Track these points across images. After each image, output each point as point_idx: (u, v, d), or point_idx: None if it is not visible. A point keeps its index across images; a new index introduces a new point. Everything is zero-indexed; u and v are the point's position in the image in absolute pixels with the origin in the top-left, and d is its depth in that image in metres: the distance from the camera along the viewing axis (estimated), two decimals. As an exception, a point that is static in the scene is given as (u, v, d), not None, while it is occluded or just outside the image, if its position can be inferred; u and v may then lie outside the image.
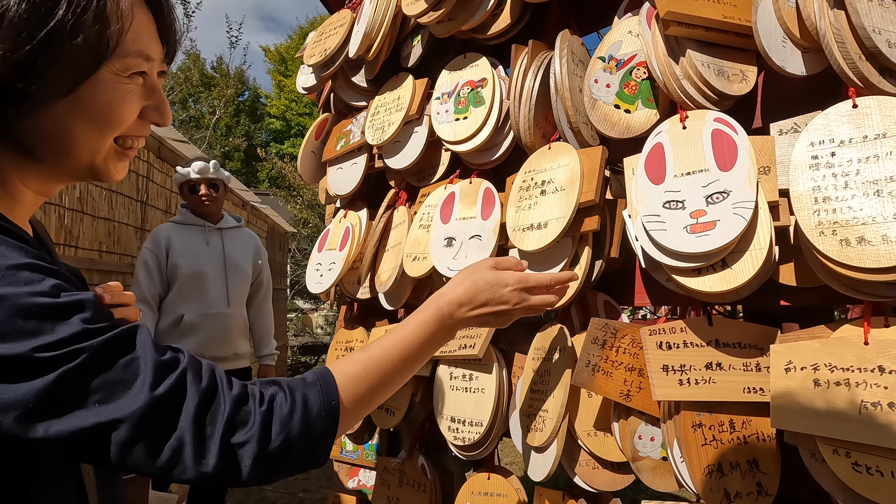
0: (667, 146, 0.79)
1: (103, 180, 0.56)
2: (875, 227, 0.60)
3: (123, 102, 0.52)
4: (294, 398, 0.54)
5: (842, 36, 0.66)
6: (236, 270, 2.28)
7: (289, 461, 0.52)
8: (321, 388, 0.56)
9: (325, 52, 1.35)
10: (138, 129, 0.55)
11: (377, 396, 0.62)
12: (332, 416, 0.56)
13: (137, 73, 0.53)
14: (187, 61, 13.32)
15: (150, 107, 0.55)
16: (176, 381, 0.48)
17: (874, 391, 0.61)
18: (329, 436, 0.56)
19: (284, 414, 0.52)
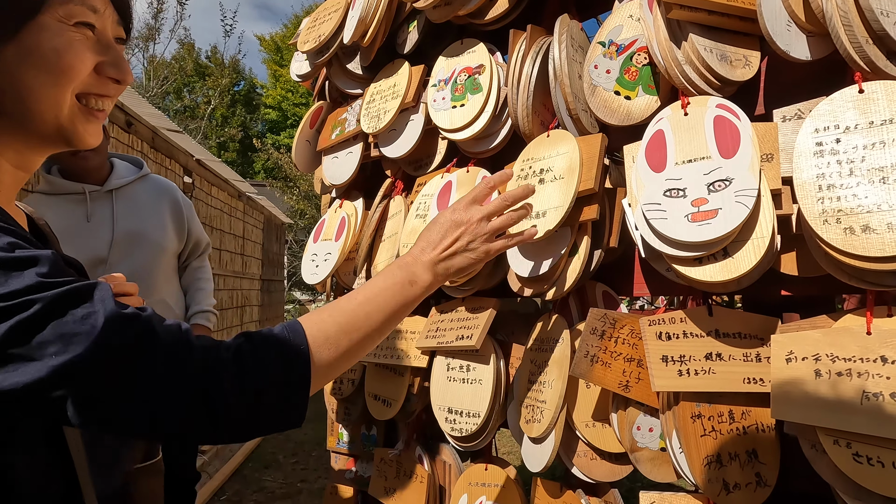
0: (668, 133, 0.77)
1: (75, 144, 0.56)
2: (880, 215, 0.59)
3: (71, 50, 0.52)
4: (264, 344, 0.52)
5: (849, 19, 0.64)
6: (141, 245, 1.58)
7: (263, 411, 0.51)
8: (289, 335, 0.55)
9: (320, 38, 1.32)
10: (99, 85, 0.55)
11: (346, 340, 0.59)
12: (303, 361, 0.54)
13: (84, 23, 0.53)
14: (181, 51, 13.17)
15: (106, 62, 0.55)
16: (137, 332, 0.46)
17: (877, 381, 0.61)
18: (303, 382, 0.54)
19: (255, 361, 0.51)
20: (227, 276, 4.85)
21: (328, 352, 0.57)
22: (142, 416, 0.46)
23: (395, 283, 0.66)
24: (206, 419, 0.48)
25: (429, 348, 1.10)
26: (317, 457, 4.06)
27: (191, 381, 0.47)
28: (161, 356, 0.46)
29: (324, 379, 0.58)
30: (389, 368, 1.20)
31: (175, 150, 3.62)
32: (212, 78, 12.56)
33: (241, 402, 0.49)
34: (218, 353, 0.50)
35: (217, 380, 0.48)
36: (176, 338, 0.48)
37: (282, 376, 0.52)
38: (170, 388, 0.46)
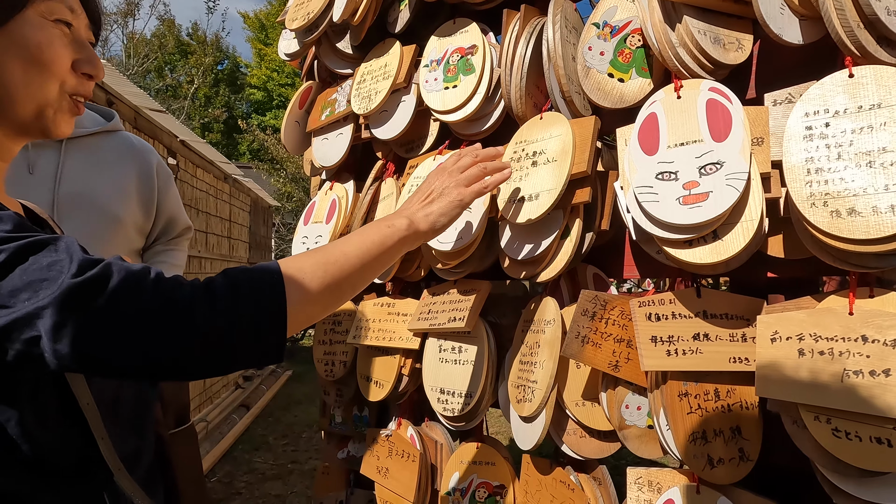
0: (661, 116, 0.77)
1: (51, 134, 0.60)
2: (866, 199, 0.60)
3: (53, 45, 0.56)
4: (235, 276, 0.52)
5: (841, 3, 0.64)
6: (88, 211, 1.26)
7: (237, 342, 0.50)
8: (262, 268, 0.55)
9: (308, 15, 1.29)
10: (80, 85, 0.60)
11: (322, 273, 0.58)
12: (277, 290, 0.53)
13: (63, 21, 0.58)
14: (161, 27, 12.78)
15: (81, 59, 0.60)
16: (100, 269, 0.47)
17: (857, 360, 0.63)
18: (279, 312, 0.53)
19: (226, 291, 0.51)
20: (213, 259, 4.80)
21: (303, 281, 0.56)
22: (115, 354, 0.47)
23: (371, 226, 0.68)
24: (180, 352, 0.48)
25: (421, 330, 1.10)
26: (307, 438, 4.09)
27: (162, 315, 0.47)
28: (129, 294, 0.47)
29: (303, 312, 0.56)
30: (381, 350, 1.20)
31: (158, 131, 3.54)
32: (194, 56, 12.23)
33: (214, 332, 0.49)
34: (189, 287, 0.50)
35: (188, 312, 0.48)
36: (144, 276, 0.49)
37: (255, 305, 0.52)
38: (141, 323, 0.47)
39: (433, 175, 0.80)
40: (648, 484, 0.83)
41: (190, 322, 0.48)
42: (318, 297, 0.58)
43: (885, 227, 0.59)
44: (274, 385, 5.51)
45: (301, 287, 0.56)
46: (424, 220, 0.72)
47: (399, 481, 1.16)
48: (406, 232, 0.69)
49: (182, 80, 11.83)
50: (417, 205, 0.75)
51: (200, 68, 11.53)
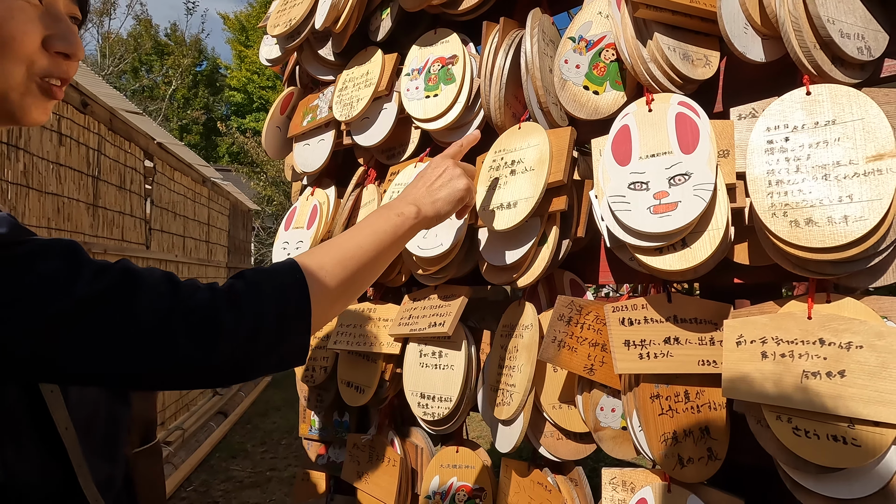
0: (633, 128, 0.80)
1: (21, 121, 0.53)
2: (822, 210, 0.64)
3: (13, 20, 0.49)
4: (256, 278, 0.51)
5: (799, 24, 0.68)
6: None
7: (262, 348, 0.48)
8: (282, 267, 0.53)
9: (290, 22, 1.30)
10: (53, 65, 0.52)
11: (341, 269, 0.58)
12: (300, 289, 0.52)
13: None
14: (138, 27, 12.54)
15: (54, 35, 0.52)
16: (117, 277, 0.45)
17: (815, 362, 0.66)
18: (304, 312, 0.51)
19: (250, 295, 0.49)
20: (191, 263, 4.72)
21: (325, 279, 0.55)
22: (133, 362, 0.44)
23: (380, 216, 0.66)
24: (205, 359, 0.46)
25: (402, 335, 1.11)
26: (286, 445, 4.04)
27: (186, 323, 0.45)
28: (149, 303, 0.45)
29: (326, 311, 0.55)
30: (362, 355, 1.21)
31: (135, 133, 3.48)
32: (172, 57, 12.03)
33: (238, 339, 0.47)
34: (209, 291, 0.47)
35: (213, 318, 0.46)
36: (159, 280, 0.46)
37: (281, 308, 0.50)
38: (163, 333, 0.44)
39: (438, 162, 0.78)
40: (622, 484, 0.85)
41: (215, 328, 0.46)
42: (339, 293, 0.57)
43: (840, 237, 0.62)
44: (252, 391, 5.42)
45: (323, 285, 0.55)
46: (431, 207, 0.71)
47: (379, 486, 1.17)
48: (415, 220, 0.69)
49: (159, 81, 11.61)
50: (424, 190, 0.73)
51: (179, 69, 11.34)
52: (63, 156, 2.72)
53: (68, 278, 0.43)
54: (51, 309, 0.42)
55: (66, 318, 0.42)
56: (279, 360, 0.51)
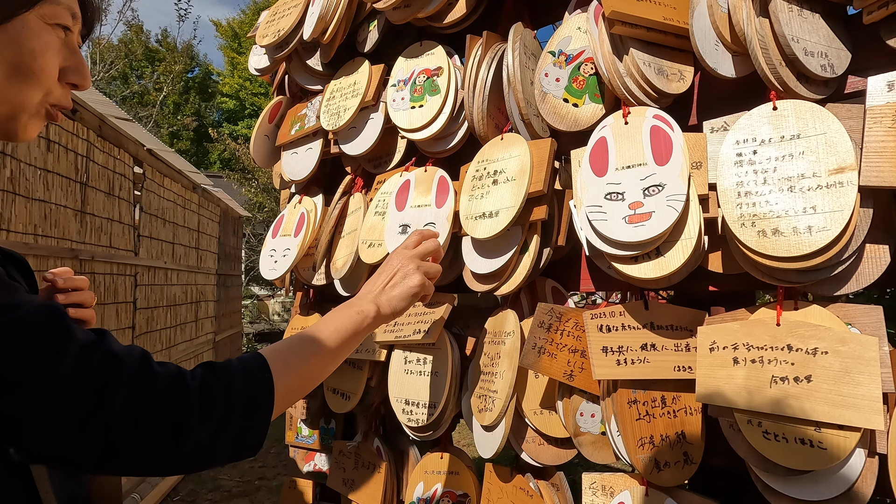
0: (610, 140, 0.83)
1: (16, 138, 0.55)
2: (787, 220, 0.67)
3: (47, 53, 0.53)
4: (228, 375, 0.53)
5: (766, 42, 0.71)
6: None
7: (225, 442, 0.51)
8: (251, 366, 0.56)
9: (279, 33, 1.31)
10: (62, 96, 0.56)
11: (305, 367, 0.62)
12: (267, 390, 0.55)
13: (61, 26, 0.54)
14: (129, 33, 12.51)
15: (69, 68, 0.56)
16: (98, 364, 0.45)
17: (783, 367, 0.68)
18: (267, 411, 0.55)
19: (220, 392, 0.51)
20: (180, 270, 4.69)
21: (289, 378, 0.59)
22: (101, 451, 0.45)
23: (343, 314, 0.71)
24: (166, 451, 0.47)
25: (387, 342, 1.13)
26: (276, 454, 4.01)
27: (154, 413, 0.46)
28: (124, 388, 0.45)
29: (283, 406, 0.59)
30: (348, 363, 1.22)
31: (124, 139, 3.47)
32: (163, 63, 12.00)
33: (205, 433, 0.49)
34: (183, 382, 0.49)
35: (184, 412, 0.48)
36: (139, 367, 0.47)
37: (246, 407, 0.53)
38: (132, 422, 0.45)
39: (394, 259, 0.81)
40: (602, 488, 0.87)
41: (182, 429, 0.47)
42: (299, 387, 0.62)
43: (804, 246, 0.65)
44: (242, 399, 5.37)
45: (286, 383, 0.59)
46: (388, 305, 0.75)
47: (365, 493, 1.17)
48: (374, 318, 0.73)
49: (150, 88, 11.56)
50: (381, 289, 0.77)
51: (170, 76, 11.31)
52: (51, 162, 2.71)
53: (55, 355, 0.43)
54: (33, 389, 0.42)
55: (46, 401, 0.42)
56: (235, 455, 0.54)
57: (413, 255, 0.81)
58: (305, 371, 0.62)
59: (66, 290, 0.72)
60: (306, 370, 0.62)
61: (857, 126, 0.70)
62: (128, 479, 2.88)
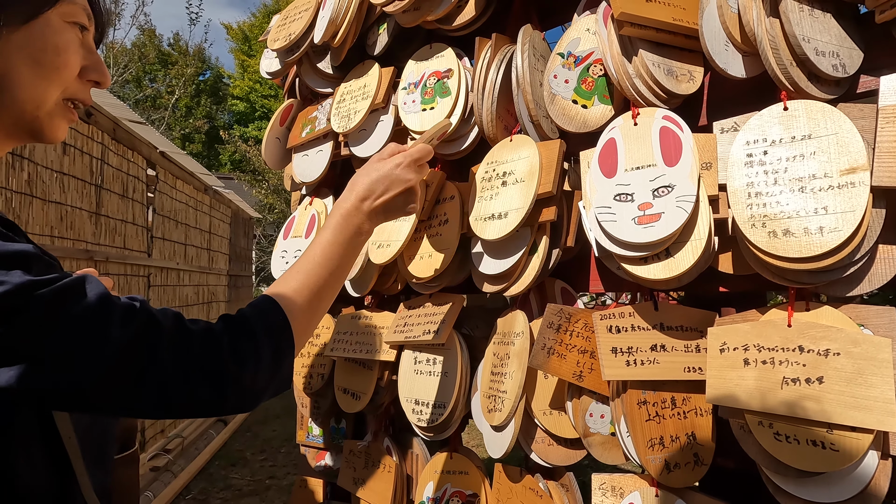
0: (619, 141, 0.83)
1: (44, 139, 0.58)
2: (798, 221, 0.66)
3: (69, 49, 0.56)
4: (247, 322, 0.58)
5: (776, 43, 0.71)
6: None
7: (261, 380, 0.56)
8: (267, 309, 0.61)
9: (290, 36, 1.33)
10: (82, 90, 0.59)
11: (316, 299, 0.67)
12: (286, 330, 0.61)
13: (78, 24, 0.57)
14: (142, 37, 12.68)
15: (89, 66, 0.59)
16: (140, 326, 0.49)
17: (794, 368, 0.68)
18: (290, 348, 0.60)
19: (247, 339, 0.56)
20: (192, 271, 4.75)
21: (302, 315, 0.64)
22: (156, 402, 0.49)
23: (346, 238, 0.73)
24: (215, 395, 0.52)
25: (397, 342, 1.13)
26: (286, 453, 4.04)
27: (195, 364, 0.51)
28: (166, 346, 0.50)
29: (304, 339, 0.65)
30: (359, 362, 1.23)
31: (137, 142, 3.53)
32: (175, 67, 12.15)
33: (245, 377, 0.54)
34: (214, 336, 0.54)
35: (219, 360, 0.52)
36: (175, 326, 0.52)
37: (272, 347, 0.58)
38: (178, 375, 0.50)
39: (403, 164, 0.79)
40: (612, 489, 0.87)
41: (225, 376, 0.53)
42: (312, 321, 0.67)
43: (815, 247, 0.65)
44: (252, 399, 5.42)
45: (301, 320, 0.64)
46: (383, 219, 0.78)
47: (375, 492, 1.18)
48: (367, 235, 0.77)
49: (162, 91, 11.71)
50: (382, 199, 0.77)
51: (182, 79, 11.45)
52: (67, 165, 2.76)
53: (103, 322, 0.47)
54: (91, 354, 0.46)
55: (105, 363, 0.47)
56: (274, 391, 0.60)
57: (411, 161, 0.80)
58: (317, 303, 0.67)
59: None
60: (317, 302, 0.67)
61: (869, 126, 0.69)
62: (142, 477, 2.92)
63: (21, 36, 0.52)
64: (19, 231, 0.63)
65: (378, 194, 0.76)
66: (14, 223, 0.64)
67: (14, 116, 0.55)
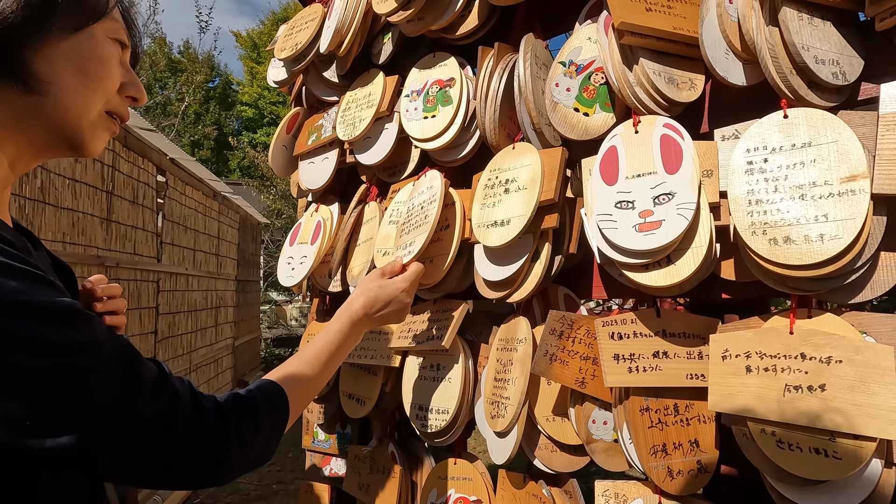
0: (620, 149, 0.83)
1: (82, 151, 0.60)
2: (799, 228, 0.67)
3: (112, 61, 0.58)
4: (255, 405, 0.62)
5: (775, 51, 0.71)
6: None
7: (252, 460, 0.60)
8: (273, 395, 0.66)
9: (297, 46, 1.35)
10: (121, 105, 0.61)
11: (313, 390, 0.75)
12: (285, 418, 0.66)
13: (120, 42, 0.60)
14: (153, 45, 12.87)
15: (128, 83, 0.61)
16: (165, 402, 0.51)
17: (797, 376, 0.68)
18: (282, 431, 0.65)
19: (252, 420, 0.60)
20: (201, 276, 4.79)
21: (297, 407, 0.71)
22: (158, 476, 0.52)
23: (351, 342, 0.86)
24: (211, 473, 0.55)
25: (401, 349, 1.14)
26: (293, 458, 4.05)
27: (205, 445, 0.54)
28: (182, 425, 0.52)
29: (293, 420, 0.70)
30: (364, 368, 1.24)
31: (148, 149, 3.58)
32: (185, 74, 12.30)
33: (240, 457, 0.57)
34: (223, 417, 0.57)
35: (225, 444, 0.56)
36: (192, 403, 0.54)
37: (270, 432, 0.63)
38: (188, 453, 0.53)
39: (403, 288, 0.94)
40: (615, 496, 0.87)
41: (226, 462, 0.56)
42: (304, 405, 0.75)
43: (816, 255, 0.65)
44: (260, 404, 5.44)
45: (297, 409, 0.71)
46: (372, 324, 0.91)
47: (380, 497, 1.19)
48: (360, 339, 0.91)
49: (172, 98, 11.86)
50: (381, 313, 0.91)
51: (191, 86, 11.58)
52: (79, 172, 2.80)
53: (135, 393, 0.49)
54: (118, 426, 0.48)
55: (128, 436, 0.48)
56: (258, 466, 0.63)
57: (410, 286, 0.95)
58: (310, 390, 0.75)
59: (103, 299, 0.76)
60: (310, 388, 0.75)
61: (870, 133, 0.69)
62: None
63: (69, 45, 0.54)
64: (37, 242, 0.65)
65: (381, 309, 0.91)
66: (31, 232, 0.66)
67: (55, 125, 0.56)
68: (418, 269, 0.97)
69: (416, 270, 0.97)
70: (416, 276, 0.97)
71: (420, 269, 0.98)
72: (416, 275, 0.97)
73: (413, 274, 0.96)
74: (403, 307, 0.94)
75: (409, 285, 0.95)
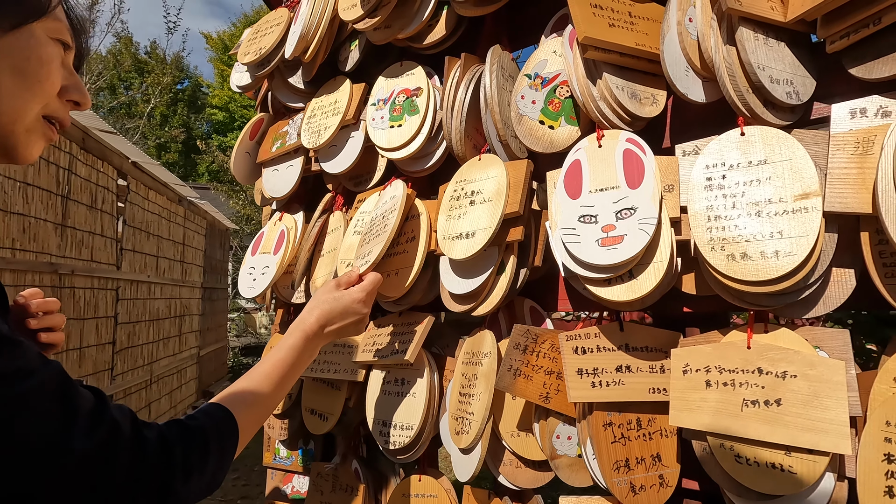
0: (584, 163, 0.83)
1: (16, 158, 0.56)
2: (755, 244, 0.67)
3: (52, 63, 0.54)
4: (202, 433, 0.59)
5: (733, 70, 0.72)
6: None
7: (202, 490, 0.57)
8: (221, 421, 0.63)
9: (261, 51, 1.32)
10: (61, 109, 0.57)
11: (265, 411, 0.72)
12: (233, 446, 0.63)
13: (63, 43, 0.56)
14: (118, 44, 12.48)
15: (69, 86, 0.57)
16: (102, 436, 0.48)
17: (754, 390, 0.69)
18: (231, 459, 0.62)
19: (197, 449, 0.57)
20: (164, 284, 4.63)
21: (249, 429, 0.68)
22: None
23: (304, 359, 0.81)
24: None
25: (365, 362, 1.11)
26: (259, 472, 3.92)
27: (147, 477, 0.51)
28: (123, 458, 0.49)
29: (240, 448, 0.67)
30: (327, 382, 1.20)
31: (108, 152, 3.44)
32: (152, 75, 11.95)
33: (185, 489, 0.54)
34: (167, 449, 0.54)
35: (170, 475, 0.53)
36: (133, 435, 0.51)
37: (219, 459, 0.60)
38: (128, 486, 0.49)
39: (359, 298, 0.90)
40: (579, 512, 0.86)
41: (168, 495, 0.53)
42: (256, 427, 0.71)
43: (772, 271, 0.66)
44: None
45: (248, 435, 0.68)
46: (328, 339, 0.88)
47: (342, 516, 1.15)
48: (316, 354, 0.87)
49: (138, 99, 11.50)
50: (336, 326, 0.87)
51: (158, 87, 11.25)
52: (31, 175, 2.67)
53: (69, 427, 0.45)
54: (50, 462, 0.44)
55: (61, 473, 0.45)
56: (206, 495, 0.61)
57: (366, 295, 0.91)
58: (262, 411, 0.71)
59: (37, 315, 0.71)
60: (262, 410, 0.71)
61: (823, 151, 0.71)
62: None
63: (5, 43, 0.50)
64: None
65: (336, 322, 0.87)
66: None
67: None
68: (375, 279, 0.93)
69: (373, 280, 0.93)
70: (374, 286, 0.93)
71: (377, 278, 0.94)
72: (372, 284, 0.93)
73: (370, 284, 0.92)
74: (360, 318, 0.90)
75: (366, 295, 0.91)
